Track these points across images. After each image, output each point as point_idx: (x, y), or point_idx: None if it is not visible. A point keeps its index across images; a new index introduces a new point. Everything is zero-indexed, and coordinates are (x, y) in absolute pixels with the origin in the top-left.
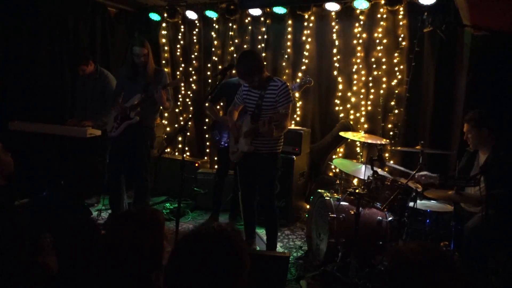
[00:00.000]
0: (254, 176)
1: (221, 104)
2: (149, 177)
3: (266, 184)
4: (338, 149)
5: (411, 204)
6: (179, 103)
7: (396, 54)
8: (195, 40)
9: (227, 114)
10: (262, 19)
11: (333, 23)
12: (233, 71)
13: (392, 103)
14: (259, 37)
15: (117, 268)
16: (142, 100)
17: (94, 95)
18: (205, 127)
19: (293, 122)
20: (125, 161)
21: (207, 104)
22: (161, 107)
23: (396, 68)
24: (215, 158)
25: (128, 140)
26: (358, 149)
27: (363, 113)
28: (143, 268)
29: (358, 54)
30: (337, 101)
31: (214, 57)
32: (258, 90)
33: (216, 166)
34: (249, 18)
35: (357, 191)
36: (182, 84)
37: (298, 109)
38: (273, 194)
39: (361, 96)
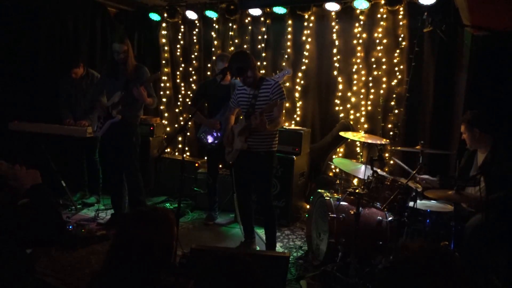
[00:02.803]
0: (250, 175)
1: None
2: (139, 174)
3: (262, 183)
4: (338, 149)
5: (411, 204)
6: (179, 103)
7: (396, 54)
8: (195, 40)
9: (222, 120)
10: (262, 19)
11: (333, 23)
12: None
13: (392, 103)
14: (259, 37)
15: (128, 267)
16: (123, 98)
17: (86, 96)
18: None
19: (293, 122)
20: (120, 159)
21: (192, 109)
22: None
23: (396, 68)
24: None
25: (113, 138)
26: (358, 149)
27: (363, 113)
28: (153, 267)
29: (358, 54)
30: (337, 101)
31: (214, 57)
32: (252, 90)
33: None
34: (249, 18)
35: (357, 191)
36: (182, 84)
37: (298, 109)
38: (270, 193)
39: (361, 96)
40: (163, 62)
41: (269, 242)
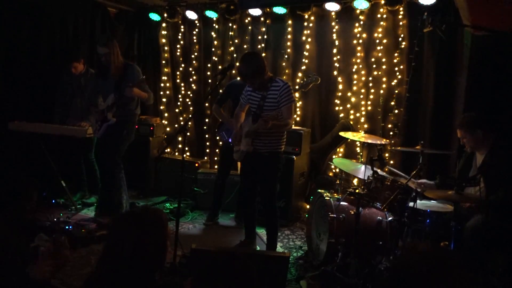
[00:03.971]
0: (255, 176)
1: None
2: (121, 161)
3: (266, 183)
4: (338, 149)
5: (411, 204)
6: (179, 103)
7: (396, 54)
8: (195, 40)
9: (233, 116)
10: (262, 19)
11: (333, 23)
12: (233, 72)
13: (392, 103)
14: (259, 37)
15: (121, 268)
16: (117, 100)
17: (83, 94)
18: (205, 127)
19: (293, 122)
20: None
21: (214, 106)
22: (143, 102)
23: (396, 68)
24: (215, 158)
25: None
26: (358, 149)
27: (363, 113)
28: (147, 268)
29: (358, 54)
30: (337, 101)
31: (214, 57)
32: (260, 91)
33: (217, 166)
34: (249, 18)
35: (357, 191)
36: (182, 84)
37: (298, 109)
38: (274, 194)
39: (361, 96)
40: (163, 62)
41: (269, 243)
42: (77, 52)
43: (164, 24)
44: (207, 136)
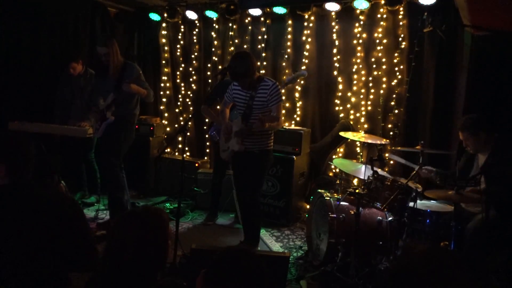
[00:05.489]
0: (245, 174)
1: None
2: (119, 171)
3: (253, 178)
4: (338, 149)
5: (411, 204)
6: (179, 103)
7: (396, 54)
8: (195, 40)
9: (219, 114)
10: (262, 19)
11: (333, 23)
12: None
13: (392, 103)
14: (259, 37)
15: (122, 268)
16: (115, 99)
17: (83, 95)
18: (205, 127)
19: (293, 122)
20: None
21: (202, 107)
22: (142, 101)
23: (396, 68)
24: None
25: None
26: (358, 149)
27: (363, 113)
28: (148, 268)
29: (358, 54)
30: (337, 101)
31: (214, 57)
32: (249, 90)
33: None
34: (249, 18)
35: (357, 191)
36: (182, 84)
37: (298, 109)
38: (257, 189)
39: (361, 96)
40: (163, 62)
41: (247, 238)
42: (75, 53)
43: (164, 24)
44: (207, 136)
